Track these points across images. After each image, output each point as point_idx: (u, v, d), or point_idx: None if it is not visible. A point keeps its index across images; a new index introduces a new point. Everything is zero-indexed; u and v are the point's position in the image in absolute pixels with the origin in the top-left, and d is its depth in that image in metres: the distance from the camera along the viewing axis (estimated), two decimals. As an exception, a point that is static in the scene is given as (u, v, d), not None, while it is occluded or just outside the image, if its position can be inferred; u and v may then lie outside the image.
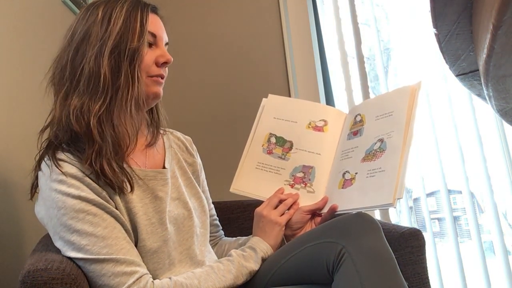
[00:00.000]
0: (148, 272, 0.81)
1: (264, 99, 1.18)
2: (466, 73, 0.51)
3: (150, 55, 0.89)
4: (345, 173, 1.01)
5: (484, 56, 0.38)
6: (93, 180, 0.80)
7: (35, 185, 0.84)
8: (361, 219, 0.81)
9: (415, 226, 1.08)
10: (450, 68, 0.51)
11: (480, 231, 1.69)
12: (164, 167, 0.96)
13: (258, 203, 1.03)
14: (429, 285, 1.01)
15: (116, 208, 0.82)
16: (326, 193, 1.03)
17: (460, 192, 1.79)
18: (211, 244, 1.11)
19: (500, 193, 1.69)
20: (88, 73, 0.83)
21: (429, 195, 2.29)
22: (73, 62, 0.85)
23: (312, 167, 1.06)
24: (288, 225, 1.00)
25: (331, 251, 0.77)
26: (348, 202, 0.97)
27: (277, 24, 1.85)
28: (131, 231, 0.83)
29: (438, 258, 1.70)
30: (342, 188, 0.99)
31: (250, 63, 1.85)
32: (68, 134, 0.83)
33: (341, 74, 1.80)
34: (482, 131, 1.71)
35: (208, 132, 1.81)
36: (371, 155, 0.98)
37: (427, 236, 1.60)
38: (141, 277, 0.77)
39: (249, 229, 1.03)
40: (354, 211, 0.96)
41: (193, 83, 1.87)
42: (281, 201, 1.01)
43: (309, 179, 1.05)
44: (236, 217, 1.34)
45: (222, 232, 1.16)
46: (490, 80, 0.42)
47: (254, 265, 0.89)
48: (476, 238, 1.67)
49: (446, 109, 1.77)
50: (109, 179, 0.80)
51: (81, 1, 1.49)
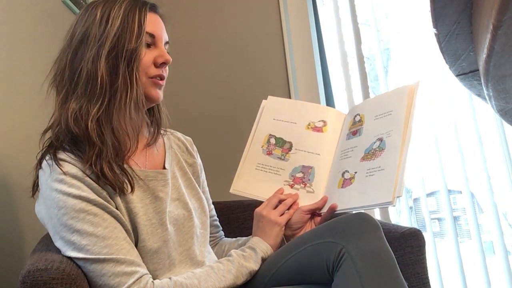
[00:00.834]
0: (148, 272, 0.81)
1: (264, 101, 1.18)
2: (466, 73, 0.51)
3: (149, 56, 0.88)
4: (345, 173, 1.01)
5: (484, 56, 0.38)
6: (94, 180, 0.80)
7: (37, 183, 0.84)
8: (361, 219, 0.81)
9: (415, 226, 1.08)
10: (450, 68, 0.51)
11: (480, 231, 1.68)
12: (164, 168, 0.96)
13: (258, 203, 1.03)
14: (429, 285, 1.01)
15: (117, 208, 0.82)
16: (326, 193, 1.03)
17: (460, 192, 1.79)
18: (211, 245, 1.11)
19: (500, 193, 1.69)
20: (86, 76, 0.82)
21: (429, 195, 2.29)
22: (72, 64, 0.85)
23: (312, 167, 1.06)
24: (288, 225, 1.00)
25: (331, 251, 0.77)
26: (348, 201, 0.97)
27: (277, 24, 1.85)
28: (131, 232, 0.83)
29: (438, 258, 1.70)
30: (342, 188, 0.99)
31: (250, 63, 1.85)
32: (69, 137, 0.83)
33: (341, 74, 1.80)
34: (482, 131, 1.70)
35: (208, 132, 1.81)
36: (370, 154, 0.98)
37: (427, 236, 1.60)
38: (141, 277, 0.77)
39: (249, 229, 1.03)
40: (354, 210, 0.96)
41: (193, 84, 1.87)
42: (281, 201, 1.01)
43: (309, 179, 1.05)
44: (236, 217, 1.34)
45: (222, 233, 1.16)
46: (490, 80, 0.42)
47: (254, 265, 0.89)
48: (476, 238, 1.67)
49: (446, 109, 1.77)
50: (109, 181, 0.80)
51: (81, 1, 1.49)
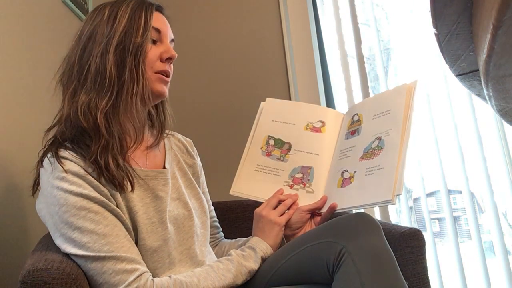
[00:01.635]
0: (148, 270, 0.81)
1: (262, 103, 1.18)
2: (466, 73, 0.51)
3: (155, 51, 0.91)
4: (344, 172, 1.01)
5: (484, 56, 0.38)
6: (95, 178, 0.81)
7: (37, 182, 0.85)
8: (361, 219, 0.81)
9: (415, 226, 1.08)
10: (450, 68, 0.51)
11: (480, 231, 1.68)
12: (165, 168, 0.96)
13: (258, 204, 1.04)
14: (429, 285, 1.01)
15: (117, 207, 0.82)
16: (325, 193, 1.03)
17: (460, 192, 1.79)
18: (211, 246, 1.11)
19: (500, 193, 1.69)
20: (95, 70, 0.85)
21: (429, 195, 2.28)
22: (81, 60, 0.88)
23: (311, 168, 1.07)
24: (288, 225, 1.00)
25: (331, 251, 0.78)
26: (348, 201, 0.97)
27: (277, 24, 1.85)
28: (132, 230, 0.84)
29: (438, 258, 1.70)
30: (341, 187, 0.99)
31: (250, 63, 1.85)
32: (75, 131, 0.85)
33: (341, 74, 1.80)
34: (482, 131, 1.70)
35: (208, 133, 1.81)
36: (369, 153, 0.99)
37: (427, 236, 1.60)
38: (142, 275, 0.78)
39: (249, 229, 1.03)
40: (354, 209, 0.96)
41: (193, 84, 1.87)
42: (281, 202, 1.02)
43: (308, 179, 1.05)
44: (236, 217, 1.34)
45: (222, 234, 1.16)
46: (490, 80, 0.42)
47: (254, 265, 0.89)
48: (476, 238, 1.67)
49: (446, 109, 1.77)
50: (112, 175, 0.81)
51: (82, 2, 1.49)
